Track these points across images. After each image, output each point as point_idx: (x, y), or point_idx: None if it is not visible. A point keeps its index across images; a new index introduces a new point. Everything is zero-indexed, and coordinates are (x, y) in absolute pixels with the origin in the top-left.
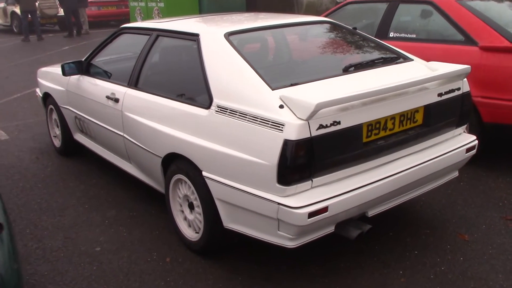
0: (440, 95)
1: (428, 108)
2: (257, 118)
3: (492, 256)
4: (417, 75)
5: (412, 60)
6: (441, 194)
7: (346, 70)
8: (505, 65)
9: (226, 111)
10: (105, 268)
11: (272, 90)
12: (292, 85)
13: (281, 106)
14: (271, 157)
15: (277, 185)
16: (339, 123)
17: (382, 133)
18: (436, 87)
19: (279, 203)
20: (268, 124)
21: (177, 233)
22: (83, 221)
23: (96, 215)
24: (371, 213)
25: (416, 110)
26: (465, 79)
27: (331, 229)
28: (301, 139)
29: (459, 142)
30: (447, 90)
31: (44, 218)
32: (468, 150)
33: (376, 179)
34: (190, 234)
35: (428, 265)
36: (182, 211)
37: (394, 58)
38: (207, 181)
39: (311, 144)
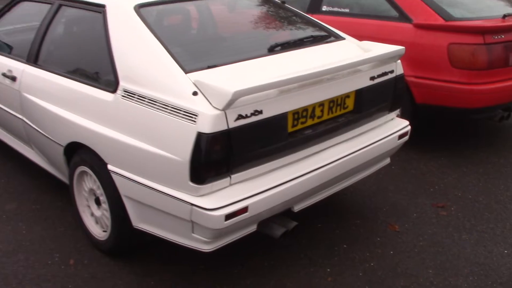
0: (372, 78)
1: (359, 93)
2: (168, 106)
3: (422, 249)
4: (349, 56)
5: (344, 39)
6: (372, 180)
7: (272, 50)
8: (439, 44)
9: (134, 96)
10: None
11: (186, 73)
12: (209, 67)
13: (195, 93)
14: (183, 151)
15: (190, 183)
16: (261, 112)
17: (310, 122)
18: (369, 69)
19: (192, 204)
20: (180, 113)
21: (83, 231)
22: None
23: None
24: (297, 208)
25: (347, 96)
26: (399, 61)
27: (252, 228)
28: (216, 132)
29: (392, 128)
30: (380, 73)
31: None
32: (400, 136)
33: (302, 173)
34: (98, 232)
35: (357, 261)
36: (89, 206)
37: (325, 37)
38: (113, 175)
39: (228, 137)
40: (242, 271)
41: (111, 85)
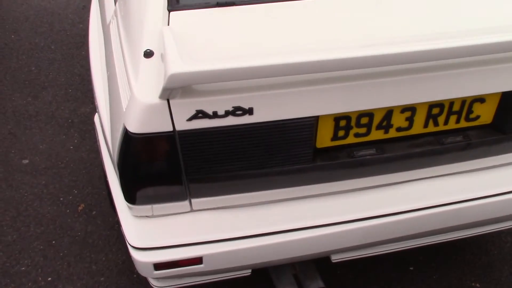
0: None
1: (510, 97)
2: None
3: None
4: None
5: None
6: None
7: None
8: None
9: None
10: None
11: (169, 11)
12: (219, 4)
13: (147, 54)
14: (114, 149)
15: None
16: (249, 112)
17: (376, 135)
18: None
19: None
20: (121, 82)
21: None
22: None
23: None
24: (337, 258)
25: (478, 99)
26: None
27: (246, 272)
28: (149, 134)
29: None
30: None
31: None
32: None
33: (334, 220)
34: None
35: None
36: None
37: None
38: None
39: (174, 144)
40: None
41: None
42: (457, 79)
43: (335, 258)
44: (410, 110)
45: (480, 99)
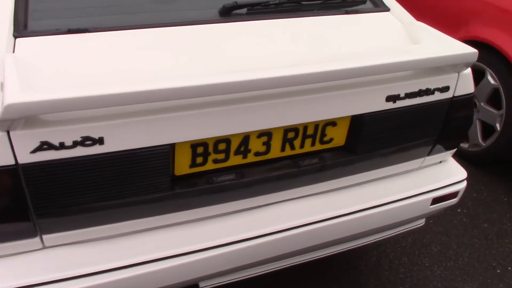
0: (393, 99)
1: (359, 121)
2: None
3: None
4: (365, 51)
5: (387, 10)
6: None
7: (228, 13)
8: None
9: None
10: None
11: (15, 37)
12: (70, 32)
13: None
14: None
15: None
16: (100, 141)
17: (234, 160)
18: (393, 81)
19: None
20: None
21: None
22: None
23: None
24: (204, 285)
25: (329, 123)
26: (468, 71)
27: None
28: None
29: (422, 183)
30: (416, 90)
31: None
32: (438, 200)
33: (190, 249)
34: None
35: None
36: None
37: (354, 1)
38: None
39: (17, 177)
40: None
41: None
42: (309, 104)
43: (203, 285)
44: (266, 135)
45: (332, 123)
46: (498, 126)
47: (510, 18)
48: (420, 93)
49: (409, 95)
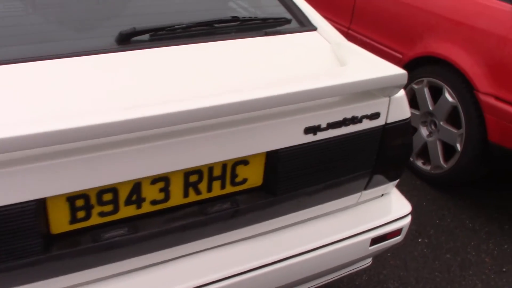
0: (313, 130)
1: (275, 157)
2: None
3: None
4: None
5: (314, 29)
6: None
7: (126, 40)
8: None
9: None
10: None
11: None
12: None
13: None
14: None
15: None
16: None
17: (125, 213)
18: (315, 111)
19: None
20: None
21: None
22: None
23: None
24: None
25: (241, 161)
26: (402, 94)
27: None
28: None
29: (359, 221)
30: (340, 118)
31: None
32: (377, 240)
33: None
34: None
35: None
36: None
37: (277, 22)
38: None
39: None
40: None
41: None
42: (212, 142)
43: None
44: (162, 180)
45: (243, 161)
46: (458, 146)
47: (464, 31)
48: (345, 122)
49: (332, 125)
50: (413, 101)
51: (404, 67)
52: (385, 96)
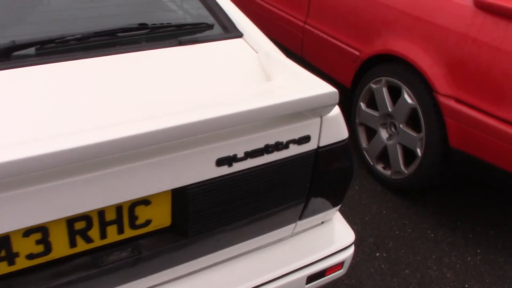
0: (228, 161)
1: (182, 194)
2: None
3: None
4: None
5: (240, 36)
6: None
7: (4, 56)
8: None
9: None
10: None
11: None
12: None
13: None
14: None
15: None
16: None
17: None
18: (229, 139)
19: None
20: None
21: None
22: None
23: None
24: None
25: (139, 202)
26: (336, 114)
27: None
28: None
29: (293, 257)
30: (261, 146)
31: None
32: (314, 277)
33: None
34: None
35: None
36: None
37: (198, 28)
38: None
39: None
40: None
41: None
42: (98, 185)
43: None
44: (38, 231)
45: (144, 202)
46: (419, 151)
47: (423, 27)
48: (267, 149)
49: (251, 154)
50: (372, 101)
51: (362, 64)
52: (316, 117)
